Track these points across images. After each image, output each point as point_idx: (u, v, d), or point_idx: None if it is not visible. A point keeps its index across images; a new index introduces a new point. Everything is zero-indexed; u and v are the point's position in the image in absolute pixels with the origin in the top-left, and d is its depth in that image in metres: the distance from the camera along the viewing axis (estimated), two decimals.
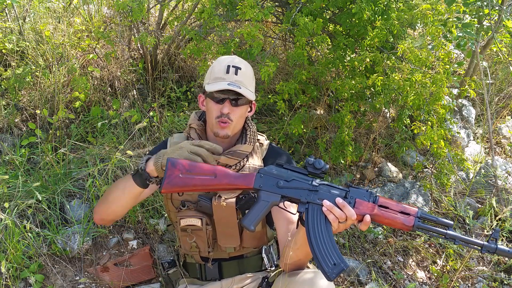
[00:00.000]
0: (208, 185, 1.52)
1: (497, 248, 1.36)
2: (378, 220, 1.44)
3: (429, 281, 2.68)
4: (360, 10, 2.60)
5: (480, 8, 2.95)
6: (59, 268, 2.23)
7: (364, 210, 1.43)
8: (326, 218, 1.43)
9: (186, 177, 1.51)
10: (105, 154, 2.65)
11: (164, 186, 1.51)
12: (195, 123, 1.77)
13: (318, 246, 1.41)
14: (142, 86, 3.32)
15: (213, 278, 1.79)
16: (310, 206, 1.46)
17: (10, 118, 2.85)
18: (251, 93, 1.71)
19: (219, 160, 1.68)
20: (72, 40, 3.24)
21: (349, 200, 1.44)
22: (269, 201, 1.48)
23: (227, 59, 1.74)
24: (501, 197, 3.03)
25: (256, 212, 1.48)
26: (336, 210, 1.42)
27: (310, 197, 1.46)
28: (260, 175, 1.52)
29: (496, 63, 4.33)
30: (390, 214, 1.43)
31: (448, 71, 2.67)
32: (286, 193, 1.49)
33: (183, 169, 1.51)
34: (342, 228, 1.46)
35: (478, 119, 4.12)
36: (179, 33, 3.18)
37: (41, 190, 2.34)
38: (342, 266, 1.38)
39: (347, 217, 1.42)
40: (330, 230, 1.43)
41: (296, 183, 1.49)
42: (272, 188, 1.49)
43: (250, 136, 1.76)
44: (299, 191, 1.48)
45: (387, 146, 3.47)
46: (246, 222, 1.48)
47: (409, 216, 1.42)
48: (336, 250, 1.41)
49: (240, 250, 1.77)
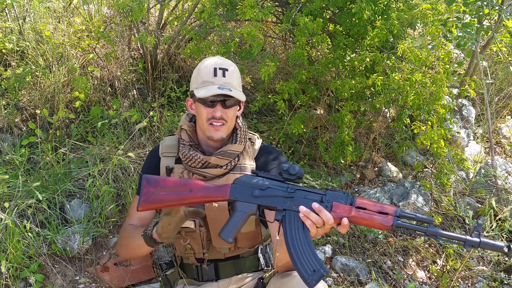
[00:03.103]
0: (183, 199, 1.51)
1: (481, 242, 1.33)
2: (356, 222, 1.41)
3: (429, 281, 2.68)
4: (360, 10, 2.60)
5: (480, 8, 2.95)
6: (59, 268, 2.23)
7: (341, 213, 1.41)
8: (303, 224, 1.42)
9: (162, 193, 1.50)
10: (105, 154, 2.65)
11: (141, 204, 1.51)
12: (186, 124, 1.77)
13: (296, 253, 1.39)
14: (142, 86, 3.32)
15: (209, 278, 1.79)
16: (287, 213, 1.44)
17: (10, 118, 2.85)
18: (241, 93, 1.71)
19: (210, 161, 1.67)
20: (72, 40, 3.24)
21: (325, 204, 1.42)
22: (245, 212, 1.47)
23: (212, 61, 1.71)
24: (501, 197, 3.03)
25: (233, 224, 1.46)
26: (312, 216, 1.40)
27: (286, 204, 1.44)
28: (235, 185, 1.50)
29: (496, 63, 4.33)
30: (367, 215, 1.40)
31: (448, 71, 2.67)
32: (262, 202, 1.46)
33: (158, 186, 1.51)
34: (321, 233, 1.44)
35: (478, 119, 4.12)
36: (179, 33, 3.18)
37: (41, 190, 2.34)
38: (321, 272, 1.36)
39: (324, 222, 1.40)
40: (309, 236, 1.41)
41: (271, 191, 1.46)
42: (248, 198, 1.47)
43: (240, 135, 1.75)
44: (275, 199, 1.46)
45: (387, 146, 3.47)
46: (224, 234, 1.46)
47: (387, 215, 1.39)
48: (315, 256, 1.39)
49: (235, 250, 1.77)
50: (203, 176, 1.68)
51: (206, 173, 1.67)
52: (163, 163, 1.75)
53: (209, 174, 1.67)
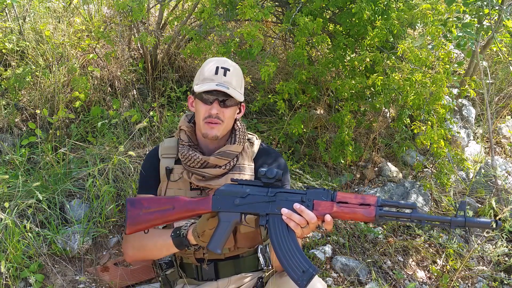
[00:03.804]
0: (168, 216, 1.54)
1: (466, 220, 1.32)
2: (339, 217, 1.42)
3: (429, 281, 2.68)
4: (360, 10, 2.60)
5: (480, 8, 2.96)
6: (59, 268, 2.23)
7: (323, 210, 1.42)
8: (287, 226, 1.42)
9: (146, 214, 1.53)
10: (105, 154, 2.65)
11: (128, 227, 1.54)
12: (185, 125, 1.78)
13: (284, 256, 1.40)
14: (142, 86, 3.32)
15: (209, 278, 1.79)
16: (271, 218, 1.45)
17: (10, 118, 2.85)
18: (239, 94, 1.71)
19: (209, 161, 1.67)
20: (72, 40, 3.24)
21: (307, 203, 1.42)
22: (230, 221, 1.48)
23: (216, 60, 1.74)
24: (501, 197, 3.03)
25: (219, 235, 1.47)
26: (295, 217, 1.41)
27: (268, 209, 1.45)
28: (216, 197, 1.51)
29: (496, 63, 4.34)
30: (349, 209, 1.40)
31: (448, 71, 2.67)
32: (244, 210, 1.47)
33: (142, 207, 1.53)
34: (307, 232, 1.45)
35: (478, 119, 4.12)
36: (179, 33, 3.18)
37: (41, 190, 2.34)
38: (311, 271, 1.37)
39: (308, 221, 1.41)
40: (295, 238, 1.42)
41: (252, 197, 1.47)
42: (230, 207, 1.48)
43: (239, 136, 1.76)
44: (256, 205, 1.47)
45: (387, 146, 3.47)
46: (212, 246, 1.47)
47: (369, 206, 1.39)
48: (303, 256, 1.40)
49: (235, 250, 1.77)
50: (202, 176, 1.68)
51: (205, 173, 1.68)
52: (162, 164, 1.75)
53: (208, 174, 1.68)
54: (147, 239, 1.69)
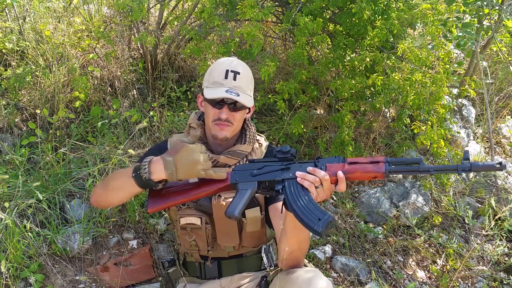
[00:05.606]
0: (189, 194, 1.55)
1: (472, 165, 1.37)
2: (351, 176, 1.46)
3: (429, 281, 2.68)
4: (360, 9, 2.60)
5: (480, 8, 2.96)
6: (59, 268, 2.23)
7: (335, 170, 1.47)
8: (302, 186, 1.47)
9: (167, 192, 1.55)
10: (105, 154, 2.65)
11: (149, 205, 1.55)
12: (195, 122, 1.78)
13: (300, 210, 1.44)
14: (142, 86, 3.32)
15: (212, 276, 1.80)
16: (286, 182, 1.50)
17: (10, 118, 2.85)
18: (249, 98, 1.71)
19: (219, 160, 1.68)
20: (72, 40, 3.24)
21: (319, 167, 1.49)
22: (247, 189, 1.53)
23: (226, 62, 1.73)
24: (501, 197, 3.03)
25: (237, 200, 1.51)
26: (309, 176, 1.45)
27: (283, 175, 1.52)
28: (234, 172, 1.56)
29: (496, 63, 4.34)
30: (360, 165, 1.46)
31: (448, 70, 2.67)
32: (261, 178, 1.54)
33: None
34: (322, 195, 1.48)
35: (478, 119, 4.12)
36: (179, 32, 3.18)
37: (41, 190, 2.34)
38: (327, 218, 1.41)
39: (320, 179, 1.44)
40: (309, 195, 1.47)
41: (268, 167, 1.55)
42: (248, 178, 1.55)
43: (249, 136, 1.77)
44: (272, 173, 1.53)
45: (387, 146, 3.47)
46: (229, 210, 1.50)
47: (378, 163, 1.44)
48: (318, 208, 1.43)
49: (239, 249, 1.78)
50: None
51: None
52: None
53: None
54: (112, 178, 1.64)
